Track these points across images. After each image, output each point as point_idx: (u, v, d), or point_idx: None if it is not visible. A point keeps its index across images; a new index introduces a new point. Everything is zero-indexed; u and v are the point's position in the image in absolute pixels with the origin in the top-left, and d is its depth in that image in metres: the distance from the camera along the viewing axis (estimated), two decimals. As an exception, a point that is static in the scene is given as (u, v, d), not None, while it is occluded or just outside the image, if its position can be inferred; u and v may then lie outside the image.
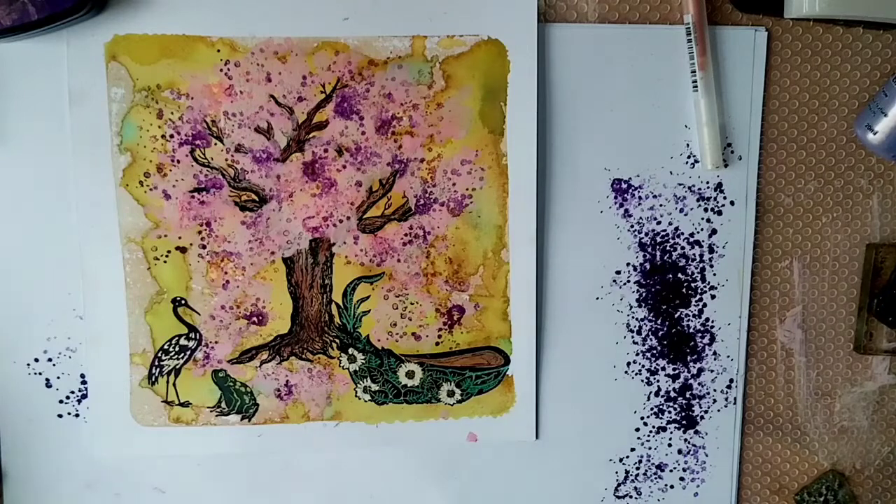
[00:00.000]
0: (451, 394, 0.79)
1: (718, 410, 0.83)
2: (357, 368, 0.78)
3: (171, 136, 0.72)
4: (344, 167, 0.74)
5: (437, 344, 0.78)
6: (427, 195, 0.75)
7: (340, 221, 0.75)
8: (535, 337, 0.79)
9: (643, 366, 0.81)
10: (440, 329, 0.78)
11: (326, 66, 0.72)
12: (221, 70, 0.72)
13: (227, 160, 0.73)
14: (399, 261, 0.76)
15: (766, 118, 0.78)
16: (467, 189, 0.75)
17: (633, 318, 0.80)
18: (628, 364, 0.81)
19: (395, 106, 0.73)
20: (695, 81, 0.75)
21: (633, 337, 0.80)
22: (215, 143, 0.73)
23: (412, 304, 0.77)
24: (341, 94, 0.73)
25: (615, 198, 0.77)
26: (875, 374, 0.84)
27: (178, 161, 0.73)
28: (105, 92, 0.71)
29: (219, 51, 0.71)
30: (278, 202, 0.74)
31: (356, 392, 0.79)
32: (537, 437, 0.81)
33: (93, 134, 0.72)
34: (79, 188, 0.73)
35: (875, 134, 0.76)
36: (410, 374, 0.78)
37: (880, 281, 0.81)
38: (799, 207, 0.80)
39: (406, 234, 0.76)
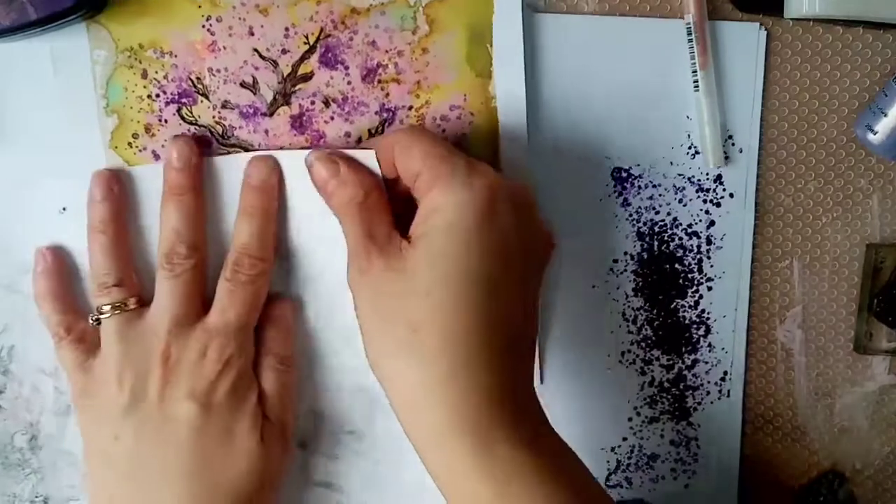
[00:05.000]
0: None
1: (712, 402, 0.83)
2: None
3: (157, 95, 0.73)
4: (332, 118, 0.74)
5: None
6: None
7: (332, 174, 0.75)
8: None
9: (637, 355, 0.81)
10: None
11: (308, 17, 0.72)
12: (203, 26, 0.72)
13: (214, 117, 0.73)
14: (393, 211, 0.75)
15: (767, 118, 0.78)
16: (457, 135, 0.75)
17: (628, 307, 0.80)
18: (622, 353, 0.81)
19: (380, 53, 0.73)
20: (696, 81, 0.75)
21: (628, 326, 0.81)
22: (202, 101, 0.73)
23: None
24: (325, 44, 0.73)
25: (615, 186, 0.78)
26: (875, 374, 0.84)
27: (166, 120, 0.73)
28: (88, 54, 0.72)
29: (200, 6, 0.71)
30: None
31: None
32: (542, 381, 0.81)
33: (78, 97, 0.72)
34: (68, 153, 0.73)
35: (875, 134, 0.76)
36: None
37: (880, 281, 0.81)
38: (799, 207, 0.81)
39: (399, 184, 0.75)
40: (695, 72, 0.75)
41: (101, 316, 0.70)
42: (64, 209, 0.74)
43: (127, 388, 0.69)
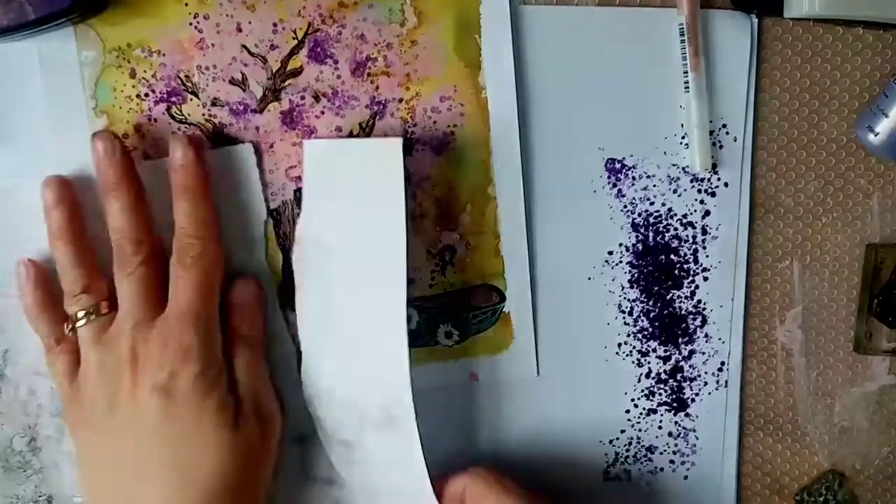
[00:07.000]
0: (448, 335, 0.78)
1: (709, 393, 0.82)
2: (353, 317, 0.78)
3: (146, 94, 0.73)
4: (322, 113, 0.74)
5: (431, 286, 0.78)
6: (409, 135, 0.75)
7: (324, 169, 0.75)
8: (529, 270, 0.78)
9: (634, 347, 0.81)
10: (433, 271, 0.78)
11: (296, 12, 0.73)
12: (191, 24, 0.72)
13: (204, 115, 0.74)
14: (385, 204, 0.76)
15: (767, 118, 0.79)
16: (448, 126, 0.75)
17: (624, 298, 0.80)
18: (619, 345, 0.81)
19: (369, 47, 0.73)
20: (686, 83, 0.76)
21: (624, 318, 0.81)
22: (191, 99, 0.73)
23: (403, 247, 0.76)
24: (313, 38, 0.73)
25: (608, 178, 0.78)
26: (875, 374, 0.83)
27: (156, 120, 0.73)
28: (75, 55, 0.72)
29: (187, 4, 0.72)
30: (259, 154, 0.75)
31: (354, 341, 0.78)
32: (538, 373, 0.81)
33: (67, 99, 0.73)
34: (58, 155, 0.73)
35: (876, 135, 0.77)
36: (407, 319, 0.76)
37: (880, 281, 0.81)
38: (799, 207, 0.81)
39: (391, 177, 0.75)
40: (686, 72, 0.76)
41: (77, 324, 0.71)
42: None
43: (106, 393, 0.69)
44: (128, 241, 0.70)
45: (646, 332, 0.81)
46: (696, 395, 0.82)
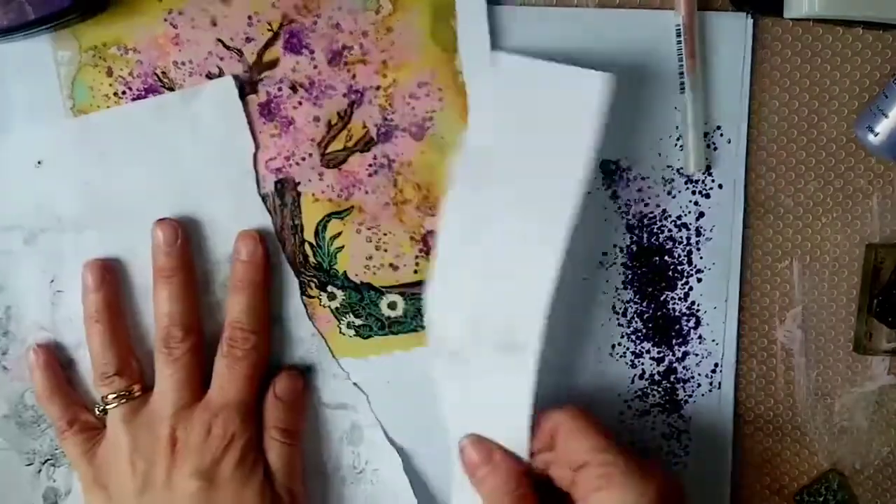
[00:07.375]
0: (435, 320, 0.78)
1: (703, 395, 0.82)
2: (338, 305, 0.78)
3: (124, 92, 0.74)
4: (300, 104, 0.75)
5: (416, 272, 0.78)
6: (387, 122, 0.75)
7: (303, 159, 0.75)
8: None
9: (628, 348, 0.81)
10: (416, 257, 0.78)
11: (270, 4, 0.73)
12: (166, 20, 0.73)
13: None
14: (367, 192, 0.76)
15: (766, 118, 0.79)
16: (427, 112, 0.75)
17: (618, 300, 0.80)
18: (613, 347, 0.81)
19: (345, 35, 0.74)
20: (682, 84, 0.76)
21: (618, 319, 0.81)
22: None
23: (385, 234, 0.77)
24: (288, 29, 0.73)
25: (603, 179, 0.78)
26: (875, 374, 0.83)
27: None
28: (51, 56, 0.73)
29: (161, 0, 0.72)
30: (240, 87, 0.75)
31: (340, 328, 0.79)
32: None
33: (44, 100, 0.74)
34: (37, 156, 0.75)
35: (876, 136, 0.76)
36: (392, 305, 0.78)
37: (880, 281, 0.81)
38: (799, 207, 0.80)
39: (371, 165, 0.76)
40: (681, 73, 0.76)
41: (108, 406, 0.73)
42: (39, 163, 0.75)
43: (139, 474, 0.71)
44: (177, 328, 0.72)
45: (639, 334, 0.81)
46: (690, 396, 0.82)
